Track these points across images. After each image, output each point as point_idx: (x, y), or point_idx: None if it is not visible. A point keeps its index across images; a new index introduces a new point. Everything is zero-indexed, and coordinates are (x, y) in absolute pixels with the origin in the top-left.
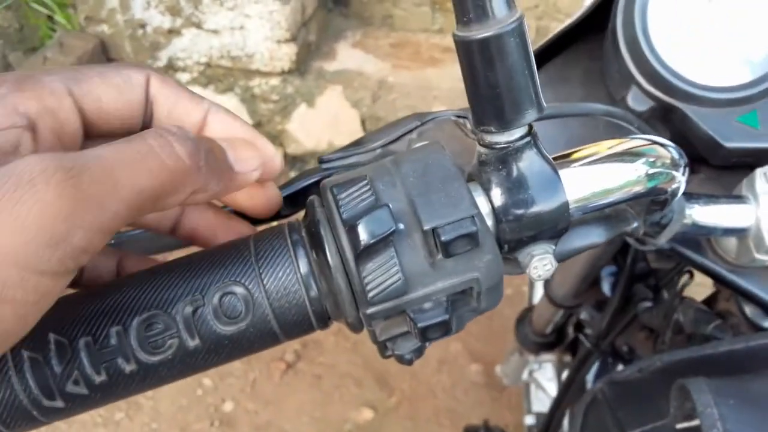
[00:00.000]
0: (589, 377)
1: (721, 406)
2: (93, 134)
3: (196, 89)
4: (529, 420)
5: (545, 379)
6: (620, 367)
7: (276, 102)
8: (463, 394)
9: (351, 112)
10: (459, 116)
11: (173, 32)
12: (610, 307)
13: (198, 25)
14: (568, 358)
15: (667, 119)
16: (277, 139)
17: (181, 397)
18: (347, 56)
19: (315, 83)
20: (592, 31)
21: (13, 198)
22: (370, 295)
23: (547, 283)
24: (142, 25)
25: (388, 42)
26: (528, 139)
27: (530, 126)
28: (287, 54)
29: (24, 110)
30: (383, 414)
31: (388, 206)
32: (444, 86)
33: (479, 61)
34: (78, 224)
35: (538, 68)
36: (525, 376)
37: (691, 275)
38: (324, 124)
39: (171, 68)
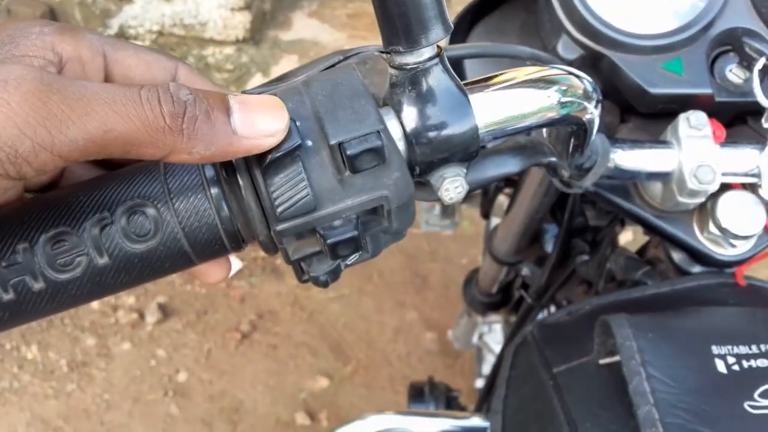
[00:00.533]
0: None
1: (640, 340)
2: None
3: None
4: (480, 383)
5: (494, 342)
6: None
7: (231, 71)
8: (417, 362)
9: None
10: (383, 51)
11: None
12: (549, 262)
13: None
14: (515, 318)
15: (596, 68)
16: None
17: (134, 367)
18: (303, 26)
19: (270, 52)
20: None
21: None
22: (279, 210)
23: (490, 241)
24: None
25: (345, 12)
26: (436, 60)
27: (439, 47)
28: (241, 22)
29: (59, 50)
30: (338, 382)
31: (294, 121)
32: None
33: None
34: (29, 134)
35: (478, 21)
36: (475, 339)
37: (622, 224)
38: None
39: (122, 36)
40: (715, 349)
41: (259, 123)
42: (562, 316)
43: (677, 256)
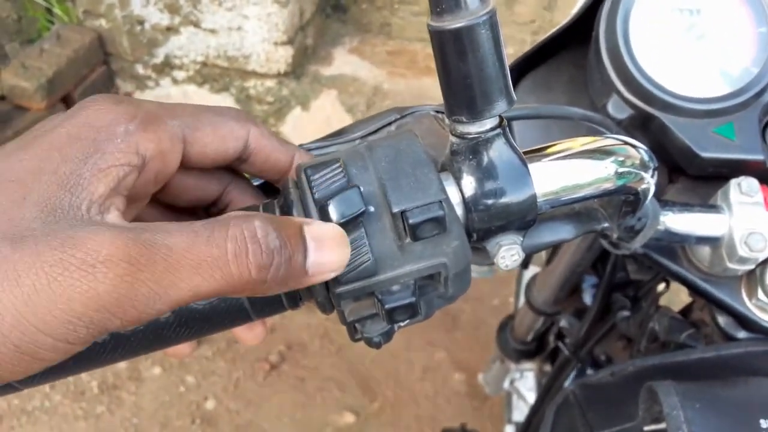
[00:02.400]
0: (567, 385)
1: (688, 409)
2: (185, 166)
3: (192, 88)
4: (509, 430)
5: (526, 389)
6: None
7: (271, 104)
8: (445, 403)
9: (345, 117)
10: (438, 111)
11: (171, 30)
12: (588, 315)
13: (196, 24)
14: (548, 367)
15: (645, 128)
16: None
17: (163, 393)
18: (344, 61)
19: (310, 87)
20: (577, 41)
21: (73, 276)
22: (340, 274)
23: (528, 290)
24: (141, 22)
25: (385, 49)
26: (498, 130)
27: (501, 117)
28: (284, 56)
29: (143, 151)
30: (365, 419)
31: (359, 188)
32: (438, 95)
33: (451, 52)
34: (119, 316)
35: (524, 75)
36: (506, 385)
37: (667, 284)
38: (317, 127)
39: (167, 66)
40: (763, 423)
41: (328, 262)
42: (605, 376)
43: (723, 320)
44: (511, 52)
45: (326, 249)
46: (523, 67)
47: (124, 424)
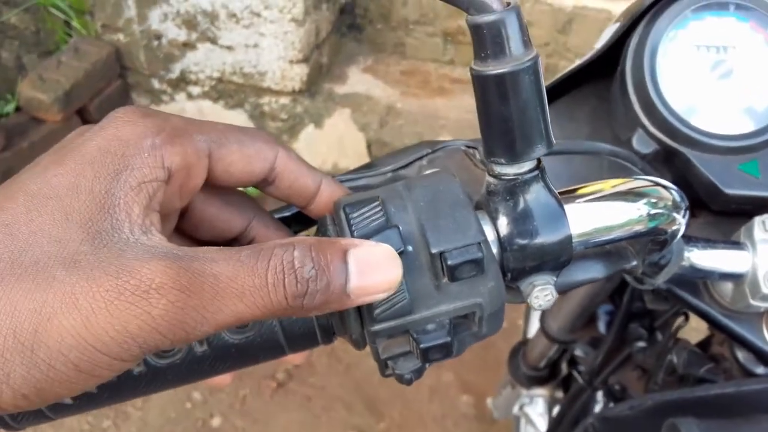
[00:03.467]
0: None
1: None
2: (211, 184)
3: (207, 103)
4: None
5: (536, 414)
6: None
7: (284, 121)
8: (452, 425)
9: (358, 136)
10: (468, 146)
11: (188, 45)
12: (604, 345)
13: (213, 41)
14: (559, 393)
15: (670, 162)
16: None
17: (169, 409)
18: (357, 80)
19: (324, 105)
20: (601, 73)
21: (128, 301)
22: (376, 312)
23: (544, 317)
24: (158, 37)
25: (399, 69)
26: (536, 172)
27: (539, 160)
28: (299, 74)
29: (169, 165)
30: None
31: (398, 228)
32: (452, 116)
33: (494, 96)
34: (170, 338)
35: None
36: (515, 410)
37: (686, 317)
38: (330, 145)
39: (183, 81)
40: None
41: (373, 285)
42: (624, 410)
43: (743, 355)
44: None
45: (373, 272)
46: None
47: None
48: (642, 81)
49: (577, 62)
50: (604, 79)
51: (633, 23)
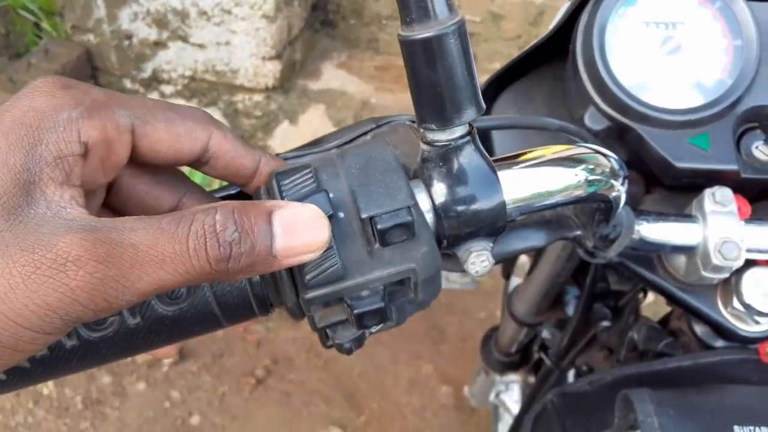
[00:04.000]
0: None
1: (662, 416)
2: (138, 161)
3: (180, 101)
4: None
5: (512, 401)
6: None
7: (259, 118)
8: (432, 416)
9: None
10: (413, 121)
11: (159, 44)
12: (570, 326)
13: (184, 39)
14: (533, 379)
15: (622, 139)
16: None
17: (147, 408)
18: (331, 76)
19: (298, 101)
20: (557, 54)
21: (46, 275)
22: (308, 278)
23: (510, 301)
24: (129, 36)
25: (373, 65)
26: (468, 138)
27: (470, 125)
28: (272, 71)
29: (85, 139)
30: None
31: (327, 192)
32: None
33: (421, 61)
34: (91, 308)
35: (505, 87)
36: (492, 397)
37: (645, 293)
38: (305, 141)
39: (155, 80)
40: (737, 429)
41: (300, 246)
42: (583, 385)
43: (700, 329)
44: (498, 67)
45: (299, 232)
46: (504, 80)
47: None
48: (592, 58)
49: (532, 43)
50: (561, 60)
51: (582, 2)
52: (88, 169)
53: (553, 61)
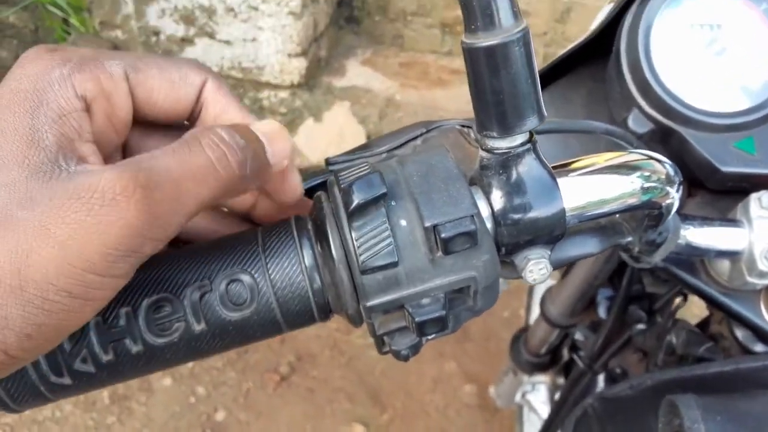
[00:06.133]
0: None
1: (709, 423)
2: (139, 119)
3: None
4: None
5: (538, 402)
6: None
7: (284, 114)
8: (455, 415)
9: (357, 128)
10: (463, 125)
11: (186, 41)
12: (604, 328)
13: (211, 35)
14: (561, 380)
15: (666, 142)
16: None
17: (173, 404)
18: (356, 73)
19: (323, 98)
20: (596, 55)
21: (100, 214)
22: (362, 258)
23: (544, 302)
24: (156, 33)
25: (398, 61)
26: (528, 145)
27: (531, 133)
28: (297, 68)
29: (82, 93)
30: (374, 430)
31: (381, 173)
32: (451, 107)
33: (484, 68)
34: (150, 237)
35: (543, 88)
36: (518, 398)
37: (685, 298)
38: (330, 138)
39: None
40: None
41: (280, 151)
42: (624, 389)
43: (741, 333)
44: None
45: (276, 140)
46: (542, 81)
47: None
48: (637, 60)
49: (573, 44)
50: (600, 61)
51: (627, 3)
52: (96, 126)
53: (592, 62)
